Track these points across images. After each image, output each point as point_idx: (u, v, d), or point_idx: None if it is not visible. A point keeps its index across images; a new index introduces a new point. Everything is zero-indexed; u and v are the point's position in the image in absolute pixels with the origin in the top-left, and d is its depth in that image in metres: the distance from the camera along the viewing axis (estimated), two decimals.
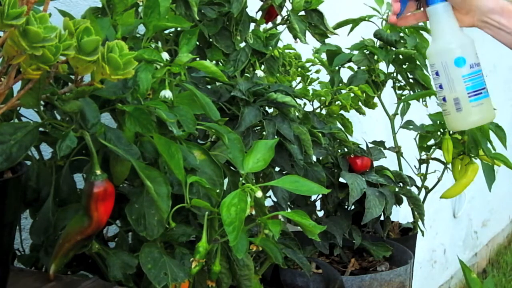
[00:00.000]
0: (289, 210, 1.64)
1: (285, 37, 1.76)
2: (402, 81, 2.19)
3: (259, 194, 1.20)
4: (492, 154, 2.01)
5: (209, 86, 1.55)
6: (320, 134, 1.66)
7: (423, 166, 2.20)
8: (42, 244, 1.24)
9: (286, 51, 1.99)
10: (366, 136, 2.10)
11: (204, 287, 1.29)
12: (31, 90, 1.04)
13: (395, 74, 2.19)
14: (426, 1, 1.28)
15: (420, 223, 2.09)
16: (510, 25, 1.25)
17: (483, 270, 4.31)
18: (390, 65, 2.11)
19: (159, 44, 1.42)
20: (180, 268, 1.21)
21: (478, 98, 1.26)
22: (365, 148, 1.96)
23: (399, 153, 2.22)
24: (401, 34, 2.11)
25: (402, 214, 2.31)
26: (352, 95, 1.96)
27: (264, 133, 1.49)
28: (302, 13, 1.70)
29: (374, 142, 2.14)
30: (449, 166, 2.12)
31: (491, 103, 1.28)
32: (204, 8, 1.56)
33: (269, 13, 1.73)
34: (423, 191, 2.21)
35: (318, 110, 1.96)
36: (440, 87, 1.26)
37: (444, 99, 1.27)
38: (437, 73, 1.26)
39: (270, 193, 1.59)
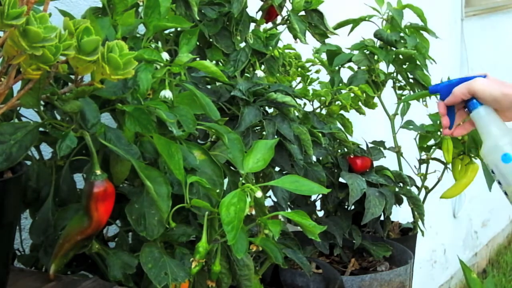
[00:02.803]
0: (289, 210, 1.64)
1: (285, 37, 1.76)
2: (402, 81, 2.19)
3: (259, 194, 1.20)
4: None
5: (209, 86, 1.55)
6: (320, 134, 1.66)
7: (423, 166, 2.20)
8: (42, 244, 1.24)
9: (286, 51, 1.99)
10: (366, 136, 2.09)
11: (204, 287, 1.29)
12: (31, 90, 1.04)
13: (395, 74, 2.19)
14: (468, 110, 1.31)
15: (420, 223, 2.09)
16: None
17: (483, 270, 4.31)
18: (390, 65, 2.11)
19: (159, 44, 1.42)
20: (181, 268, 1.21)
21: None
22: (365, 148, 1.96)
23: (399, 153, 2.22)
24: (401, 34, 2.11)
25: (402, 214, 2.30)
26: (352, 95, 1.96)
27: (264, 133, 1.49)
28: (302, 13, 1.70)
29: (374, 142, 2.14)
30: (449, 166, 2.12)
31: None
32: (204, 8, 1.56)
33: (269, 13, 1.73)
34: (423, 191, 2.20)
35: (318, 110, 1.96)
36: (499, 183, 1.30)
37: (505, 193, 1.31)
38: (493, 171, 1.30)
39: (270, 193, 1.59)
